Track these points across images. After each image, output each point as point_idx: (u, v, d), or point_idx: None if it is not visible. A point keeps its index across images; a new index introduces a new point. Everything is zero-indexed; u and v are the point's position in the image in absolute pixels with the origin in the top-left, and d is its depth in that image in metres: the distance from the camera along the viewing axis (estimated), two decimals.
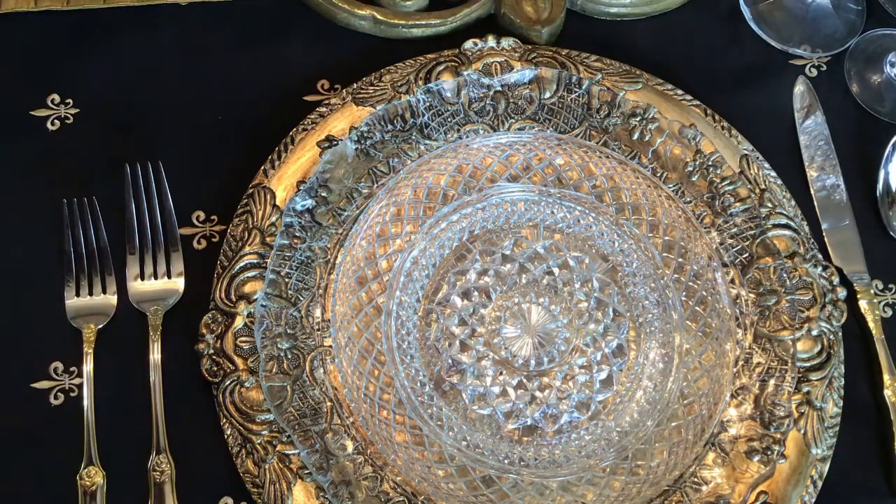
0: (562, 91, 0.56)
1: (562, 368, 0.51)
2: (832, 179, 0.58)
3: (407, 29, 0.61)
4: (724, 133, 0.56)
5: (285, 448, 0.46)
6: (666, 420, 0.49)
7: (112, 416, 0.49)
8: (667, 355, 0.51)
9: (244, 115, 0.58)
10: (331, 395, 0.49)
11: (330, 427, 0.48)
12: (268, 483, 0.46)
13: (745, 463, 0.47)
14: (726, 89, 0.60)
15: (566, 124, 0.56)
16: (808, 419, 0.48)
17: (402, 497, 0.46)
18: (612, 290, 0.53)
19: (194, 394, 0.49)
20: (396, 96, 0.55)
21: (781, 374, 0.49)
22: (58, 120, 0.57)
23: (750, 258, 0.52)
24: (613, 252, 0.54)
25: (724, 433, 0.49)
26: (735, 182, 0.54)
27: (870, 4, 0.64)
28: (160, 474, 0.47)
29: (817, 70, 0.62)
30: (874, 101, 0.61)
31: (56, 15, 0.61)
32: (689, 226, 0.54)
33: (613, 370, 0.51)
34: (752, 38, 0.63)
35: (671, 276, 0.53)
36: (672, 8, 0.64)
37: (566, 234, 0.55)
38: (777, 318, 0.50)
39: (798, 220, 0.54)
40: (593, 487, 0.48)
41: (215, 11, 0.62)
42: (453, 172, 0.55)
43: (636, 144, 0.55)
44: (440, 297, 0.53)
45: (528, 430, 0.50)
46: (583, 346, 0.52)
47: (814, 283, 0.52)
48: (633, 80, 0.57)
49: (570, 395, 0.50)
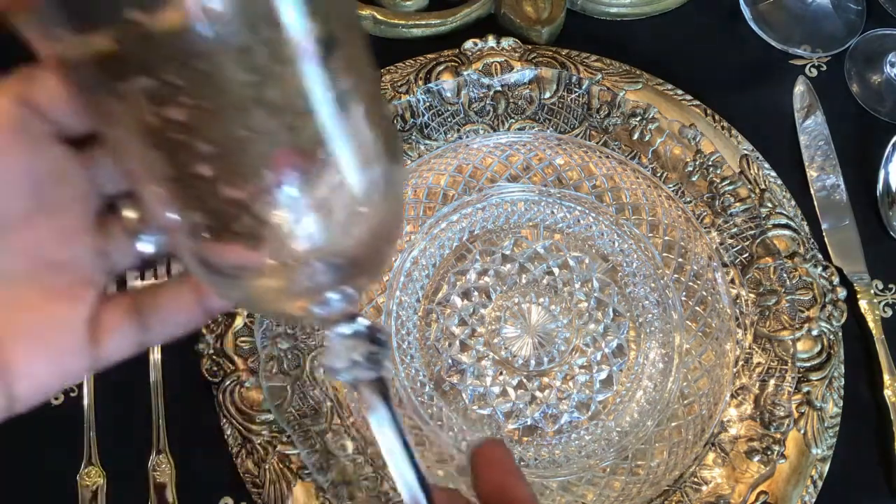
0: (562, 91, 0.56)
1: (562, 368, 0.51)
2: (832, 179, 0.58)
3: (407, 29, 0.61)
4: (724, 133, 0.56)
5: (285, 448, 0.46)
6: (666, 420, 0.49)
7: (112, 416, 0.49)
8: (667, 355, 0.51)
9: None
10: (331, 395, 0.49)
11: (330, 427, 0.48)
12: (268, 483, 0.46)
13: (745, 463, 0.47)
14: (726, 89, 0.60)
15: (566, 124, 0.56)
16: (808, 419, 0.48)
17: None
18: (612, 290, 0.53)
19: (194, 394, 0.49)
20: (396, 96, 0.55)
21: (781, 374, 0.49)
22: None
23: (750, 258, 0.52)
24: (613, 252, 0.54)
25: (724, 433, 0.49)
26: (735, 182, 0.54)
27: (870, 4, 0.64)
28: (160, 474, 0.47)
29: (817, 70, 0.62)
30: (874, 101, 0.61)
31: None
32: (689, 226, 0.54)
33: (613, 370, 0.51)
34: (752, 38, 0.63)
35: (671, 276, 0.53)
36: (672, 8, 0.64)
37: (566, 234, 0.55)
38: (777, 318, 0.50)
39: (798, 220, 0.54)
40: (593, 487, 0.48)
41: None
42: (453, 172, 0.55)
43: (636, 144, 0.55)
44: (440, 297, 0.53)
45: (528, 430, 0.50)
46: (583, 346, 0.52)
47: (814, 283, 0.52)
48: (633, 80, 0.57)
49: (570, 395, 0.50)
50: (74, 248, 0.25)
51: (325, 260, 0.22)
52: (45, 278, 0.24)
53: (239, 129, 0.19)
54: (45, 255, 0.24)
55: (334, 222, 0.21)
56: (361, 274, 0.23)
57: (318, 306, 0.23)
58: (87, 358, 0.25)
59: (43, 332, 0.24)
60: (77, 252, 0.25)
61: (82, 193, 0.25)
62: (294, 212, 0.21)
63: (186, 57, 0.18)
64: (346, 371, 0.24)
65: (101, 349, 0.25)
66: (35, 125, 0.23)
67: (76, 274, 0.25)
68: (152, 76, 0.18)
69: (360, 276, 0.23)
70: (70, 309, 0.25)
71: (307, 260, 0.21)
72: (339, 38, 0.20)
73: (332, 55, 0.20)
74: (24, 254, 0.24)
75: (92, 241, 0.25)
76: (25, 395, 0.24)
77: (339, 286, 0.23)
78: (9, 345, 0.23)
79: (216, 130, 0.19)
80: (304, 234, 0.21)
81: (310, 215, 0.21)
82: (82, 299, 0.25)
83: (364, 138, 0.22)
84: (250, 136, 0.19)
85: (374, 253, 0.23)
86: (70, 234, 0.25)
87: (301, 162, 0.20)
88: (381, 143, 0.22)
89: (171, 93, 0.18)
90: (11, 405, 0.24)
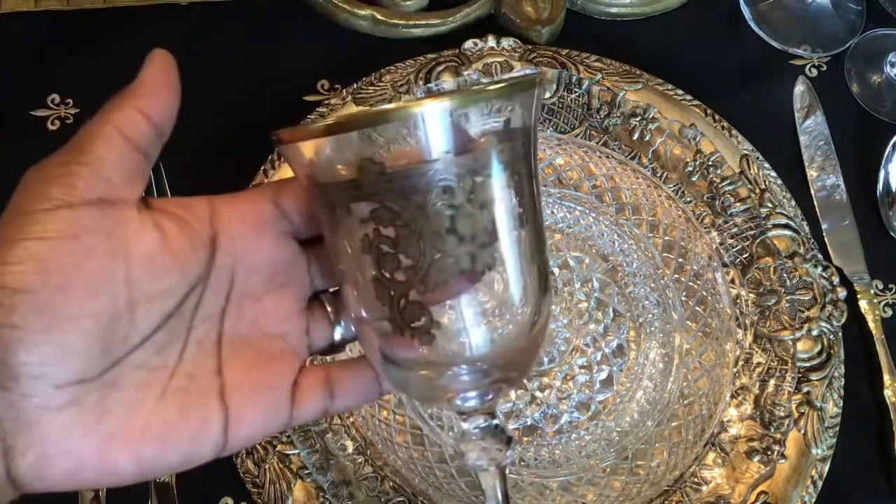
0: (562, 91, 0.56)
1: (562, 368, 0.51)
2: (832, 179, 0.58)
3: (407, 29, 0.61)
4: (724, 133, 0.56)
5: (285, 448, 0.46)
6: (666, 420, 0.49)
7: None
8: (667, 355, 0.51)
9: (244, 115, 0.58)
10: None
11: (330, 427, 0.48)
12: (268, 483, 0.46)
13: (745, 463, 0.47)
14: (726, 89, 0.60)
15: (566, 124, 0.56)
16: (808, 419, 0.48)
17: (402, 497, 0.46)
18: (612, 290, 0.53)
19: None
20: (396, 96, 0.55)
21: (781, 374, 0.49)
22: (58, 120, 0.57)
23: (750, 258, 0.52)
24: (613, 252, 0.54)
25: (724, 433, 0.49)
26: (735, 182, 0.54)
27: (870, 4, 0.64)
28: None
29: (817, 70, 0.62)
30: (874, 101, 0.61)
31: (56, 15, 0.61)
32: (689, 226, 0.54)
33: (613, 370, 0.51)
34: (752, 38, 0.63)
35: (671, 276, 0.53)
36: (672, 8, 0.64)
37: (566, 234, 0.55)
38: (777, 318, 0.50)
39: (798, 220, 0.54)
40: (593, 487, 0.48)
41: (215, 11, 0.62)
42: None
43: (636, 144, 0.55)
44: None
45: (528, 430, 0.50)
46: (583, 346, 0.52)
47: (814, 283, 0.52)
48: (633, 80, 0.57)
49: (570, 396, 0.50)
50: (289, 325, 0.30)
51: (476, 366, 0.27)
52: (264, 346, 0.29)
53: (433, 251, 0.25)
54: (268, 328, 0.30)
55: (491, 338, 0.27)
56: (503, 382, 0.28)
57: (462, 401, 0.28)
58: (286, 416, 0.29)
59: (261, 388, 0.28)
60: (290, 328, 0.30)
61: (301, 283, 0.30)
62: (460, 322, 0.26)
63: (407, 192, 0.24)
64: (475, 458, 0.29)
65: (297, 410, 0.29)
66: (281, 222, 0.29)
67: (287, 345, 0.30)
68: (378, 201, 0.24)
69: (501, 383, 0.28)
70: (282, 372, 0.29)
71: (462, 363, 0.27)
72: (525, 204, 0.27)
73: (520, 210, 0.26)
74: (252, 323, 0.29)
75: (302, 323, 0.31)
76: (236, 440, 0.28)
77: (482, 388, 0.27)
78: (235, 395, 0.28)
79: (415, 248, 0.25)
80: (463, 342, 0.26)
81: (472, 328, 0.26)
82: (291, 365, 0.30)
83: (525, 272, 0.27)
84: (441, 257, 0.25)
85: (515, 368, 0.28)
86: (287, 314, 0.30)
87: (474, 283, 0.26)
88: (537, 277, 0.27)
89: (390, 216, 0.24)
90: (224, 447, 0.27)
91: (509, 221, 0.26)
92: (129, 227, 0.25)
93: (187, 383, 0.27)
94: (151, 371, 0.26)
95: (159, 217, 0.27)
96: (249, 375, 0.28)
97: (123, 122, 0.26)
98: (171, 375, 0.27)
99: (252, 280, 0.29)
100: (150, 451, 0.26)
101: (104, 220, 0.25)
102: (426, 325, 0.25)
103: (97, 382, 0.25)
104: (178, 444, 0.26)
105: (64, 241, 0.24)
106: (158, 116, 0.27)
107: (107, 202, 0.25)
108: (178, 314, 0.27)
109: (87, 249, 0.24)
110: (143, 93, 0.27)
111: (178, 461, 0.27)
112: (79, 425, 0.24)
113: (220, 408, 0.27)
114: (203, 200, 0.28)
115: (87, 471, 0.25)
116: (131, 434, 0.25)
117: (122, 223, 0.25)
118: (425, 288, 0.25)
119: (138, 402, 0.26)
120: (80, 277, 0.24)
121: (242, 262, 0.29)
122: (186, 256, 0.27)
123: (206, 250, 0.28)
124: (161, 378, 0.26)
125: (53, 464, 0.24)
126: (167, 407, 0.26)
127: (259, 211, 0.29)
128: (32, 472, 0.24)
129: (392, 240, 0.25)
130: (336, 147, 0.25)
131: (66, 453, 0.24)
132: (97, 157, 0.25)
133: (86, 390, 0.24)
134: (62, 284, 0.23)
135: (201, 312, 0.28)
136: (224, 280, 0.28)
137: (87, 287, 0.24)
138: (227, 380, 0.28)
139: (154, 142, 0.27)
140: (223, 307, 0.28)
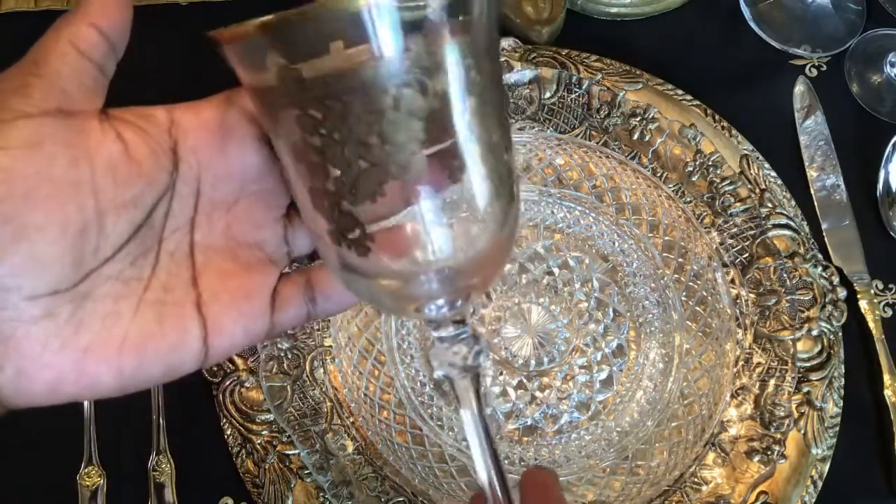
0: (562, 91, 0.56)
1: (562, 368, 0.51)
2: (832, 179, 0.58)
3: None
4: (724, 133, 0.56)
5: (285, 448, 0.46)
6: (666, 420, 0.50)
7: (112, 416, 0.49)
8: (667, 355, 0.51)
9: None
10: (331, 395, 0.49)
11: (330, 427, 0.48)
12: (268, 483, 0.46)
13: (745, 463, 0.47)
14: (726, 89, 0.60)
15: (566, 124, 0.56)
16: (808, 419, 0.48)
17: (402, 497, 0.46)
18: (612, 290, 0.53)
19: (194, 394, 0.49)
20: None
21: (781, 374, 0.49)
22: None
23: (750, 258, 0.52)
24: (613, 252, 0.54)
25: (724, 433, 0.49)
26: (735, 182, 0.54)
27: (870, 4, 0.64)
28: (160, 474, 0.47)
29: (817, 70, 0.62)
30: (874, 101, 0.61)
31: (56, 15, 0.60)
32: (689, 226, 0.54)
33: (613, 370, 0.51)
34: (752, 38, 0.63)
35: (671, 276, 0.53)
36: (672, 8, 0.64)
37: (566, 234, 0.55)
38: (777, 318, 0.50)
39: (798, 220, 0.54)
40: (593, 487, 0.48)
41: (215, 11, 0.62)
42: None
43: (636, 144, 0.55)
44: None
45: (528, 430, 0.50)
46: (583, 346, 0.52)
47: (814, 283, 0.52)
48: (633, 80, 0.57)
49: (570, 396, 0.50)
50: (264, 232, 0.30)
51: (440, 272, 0.26)
52: (240, 255, 0.29)
53: (358, 160, 0.23)
54: (241, 237, 0.29)
55: (454, 243, 0.25)
56: (470, 288, 0.27)
57: (430, 310, 0.27)
58: (266, 324, 0.29)
59: (238, 297, 0.28)
60: (266, 235, 0.30)
61: (276, 190, 0.29)
62: (419, 226, 0.25)
63: (325, 97, 0.23)
64: (447, 367, 0.28)
65: (278, 316, 0.29)
66: (247, 126, 0.28)
67: (264, 253, 0.30)
68: (300, 108, 0.23)
69: (468, 289, 0.27)
70: (260, 280, 0.29)
71: (424, 270, 0.25)
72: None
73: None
74: (224, 232, 0.29)
75: (279, 230, 0.30)
76: (217, 350, 0.28)
77: (449, 295, 0.26)
78: (212, 304, 0.28)
79: (341, 157, 0.23)
80: (424, 247, 0.25)
81: (432, 232, 0.25)
82: (269, 273, 0.29)
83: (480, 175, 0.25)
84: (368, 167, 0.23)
85: (482, 272, 0.27)
86: (261, 221, 0.29)
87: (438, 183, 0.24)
88: (498, 181, 0.26)
89: (313, 124, 0.23)
90: (206, 358, 0.28)
91: (455, 120, 0.24)
92: (90, 137, 0.25)
93: (163, 294, 0.27)
94: (126, 283, 0.26)
95: (120, 126, 0.26)
96: (226, 285, 0.28)
97: (77, 35, 0.26)
98: (146, 287, 0.27)
99: (222, 188, 0.28)
100: (129, 362, 0.26)
101: (64, 130, 0.25)
102: (360, 237, 0.24)
103: (71, 294, 0.25)
104: (157, 354, 0.26)
105: (25, 150, 0.23)
106: (111, 30, 0.27)
107: (65, 112, 0.25)
108: (147, 225, 0.27)
109: (49, 158, 0.24)
110: (95, 8, 0.27)
111: (160, 372, 0.27)
112: (55, 338, 0.24)
113: (197, 318, 0.27)
114: (161, 109, 0.28)
115: (66, 384, 0.25)
116: (109, 346, 0.25)
117: (83, 133, 0.25)
118: (355, 199, 0.24)
119: (114, 313, 0.26)
120: (44, 186, 0.24)
121: (207, 171, 0.28)
122: (149, 165, 0.26)
123: (169, 159, 0.27)
124: (136, 290, 0.26)
125: (32, 378, 0.24)
126: (144, 318, 0.26)
127: (220, 116, 0.28)
128: (11, 386, 0.24)
129: (318, 149, 0.24)
130: (252, 51, 0.25)
131: (44, 367, 0.24)
132: (52, 69, 0.25)
133: (60, 302, 0.24)
134: (27, 193, 0.23)
135: (171, 224, 0.28)
136: (190, 190, 0.28)
137: (52, 195, 0.24)
138: (204, 290, 0.28)
139: (108, 55, 0.27)
140: (191, 217, 0.28)
